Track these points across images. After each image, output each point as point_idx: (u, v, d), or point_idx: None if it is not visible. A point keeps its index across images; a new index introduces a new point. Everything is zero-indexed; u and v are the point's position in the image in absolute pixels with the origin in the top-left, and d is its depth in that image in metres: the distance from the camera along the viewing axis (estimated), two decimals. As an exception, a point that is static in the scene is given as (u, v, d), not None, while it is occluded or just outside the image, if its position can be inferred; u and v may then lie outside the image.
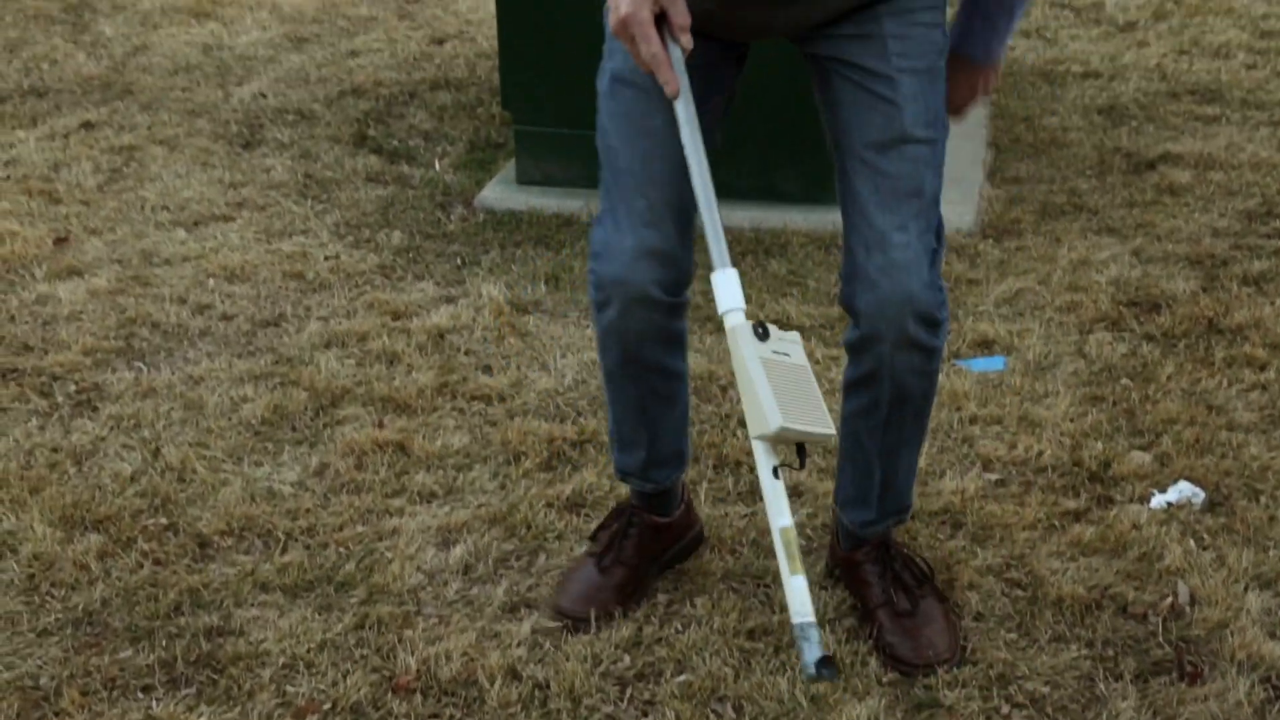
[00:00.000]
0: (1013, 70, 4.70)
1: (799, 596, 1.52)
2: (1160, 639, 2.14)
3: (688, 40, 1.77)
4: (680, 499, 2.35)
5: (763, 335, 1.66)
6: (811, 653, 1.50)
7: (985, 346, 3.07)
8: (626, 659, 2.17)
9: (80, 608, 2.29)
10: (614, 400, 2.20)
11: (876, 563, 2.19)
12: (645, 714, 2.06)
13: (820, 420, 1.64)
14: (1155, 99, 4.40)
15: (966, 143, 4.21)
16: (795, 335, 1.71)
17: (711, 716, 2.05)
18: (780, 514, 1.56)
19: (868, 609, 2.19)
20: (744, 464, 2.68)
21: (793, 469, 1.81)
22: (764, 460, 1.61)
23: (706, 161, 1.78)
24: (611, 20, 1.79)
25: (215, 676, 2.14)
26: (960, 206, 3.79)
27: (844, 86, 1.94)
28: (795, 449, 1.70)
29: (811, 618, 1.52)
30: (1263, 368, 2.91)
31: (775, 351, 1.65)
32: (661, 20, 1.76)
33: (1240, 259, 3.39)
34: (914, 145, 1.92)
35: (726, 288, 1.70)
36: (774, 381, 1.62)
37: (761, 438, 1.60)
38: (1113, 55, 4.76)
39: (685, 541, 2.38)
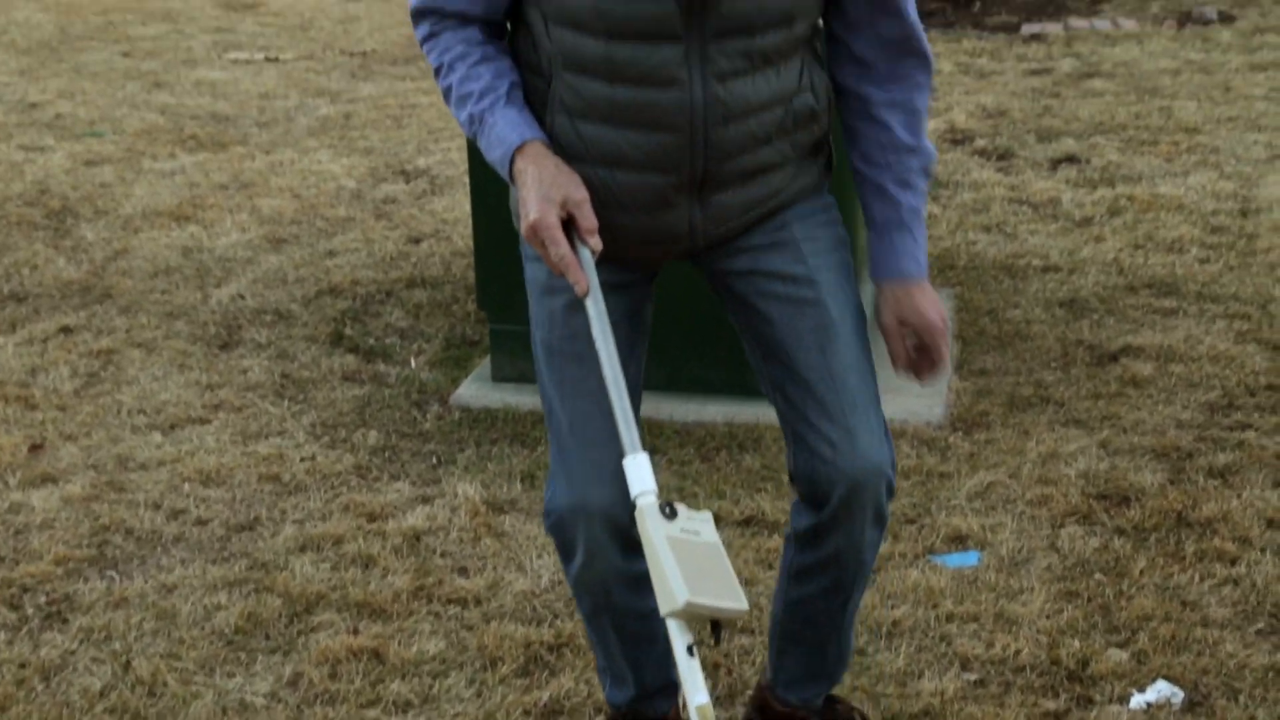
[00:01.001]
0: (976, 264, 4.82)
1: None
2: (1147, 846, 2.12)
3: (596, 242, 1.84)
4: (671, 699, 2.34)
5: (670, 515, 1.70)
6: None
7: (959, 541, 3.09)
8: None
9: (46, 831, 2.23)
10: (596, 641, 2.23)
11: None
12: None
13: (731, 595, 1.66)
14: (1114, 292, 4.52)
15: (933, 336, 4.30)
16: (707, 515, 1.76)
17: None
18: (696, 691, 1.59)
19: None
20: (721, 665, 2.66)
21: (709, 646, 1.84)
22: (679, 639, 1.64)
23: (616, 354, 1.83)
24: (522, 227, 1.87)
25: None
26: (929, 399, 3.85)
27: (767, 298, 2.04)
28: (710, 626, 1.72)
29: None
30: (1233, 562, 2.94)
31: (684, 530, 1.69)
32: (570, 224, 1.84)
33: (1205, 451, 3.44)
34: (847, 334, 2.03)
35: (637, 472, 1.74)
36: (681, 559, 1.65)
37: (671, 614, 1.63)
38: (1071, 250, 4.90)
39: None
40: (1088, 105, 6.79)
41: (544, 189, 1.82)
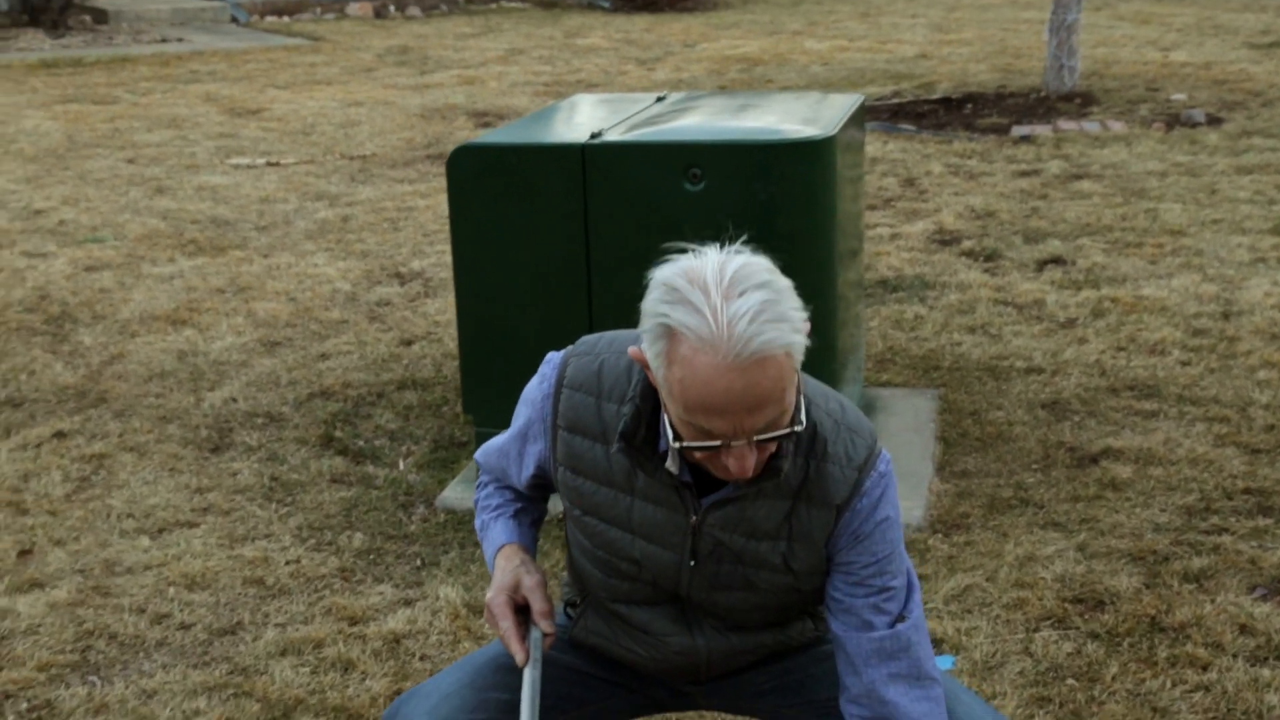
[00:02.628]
0: (960, 365, 4.88)
1: None
2: None
3: (547, 625, 2.04)
4: None
5: None
6: None
7: (934, 645, 3.11)
8: None
9: None
10: None
11: None
12: None
13: None
14: (1096, 394, 4.57)
15: (916, 436, 4.35)
16: None
17: None
18: None
19: None
20: (694, 774, 2.68)
21: None
22: None
23: (537, 716, 1.99)
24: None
25: None
26: (909, 501, 3.88)
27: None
28: None
29: None
30: (1205, 668, 2.95)
31: None
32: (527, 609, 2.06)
33: (1181, 555, 3.47)
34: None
35: None
36: None
37: None
38: (1054, 351, 4.96)
39: None
40: (1075, 207, 6.90)
41: (501, 577, 2.07)
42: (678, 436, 1.82)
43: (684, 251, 1.81)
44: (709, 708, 2.29)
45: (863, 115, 4.50)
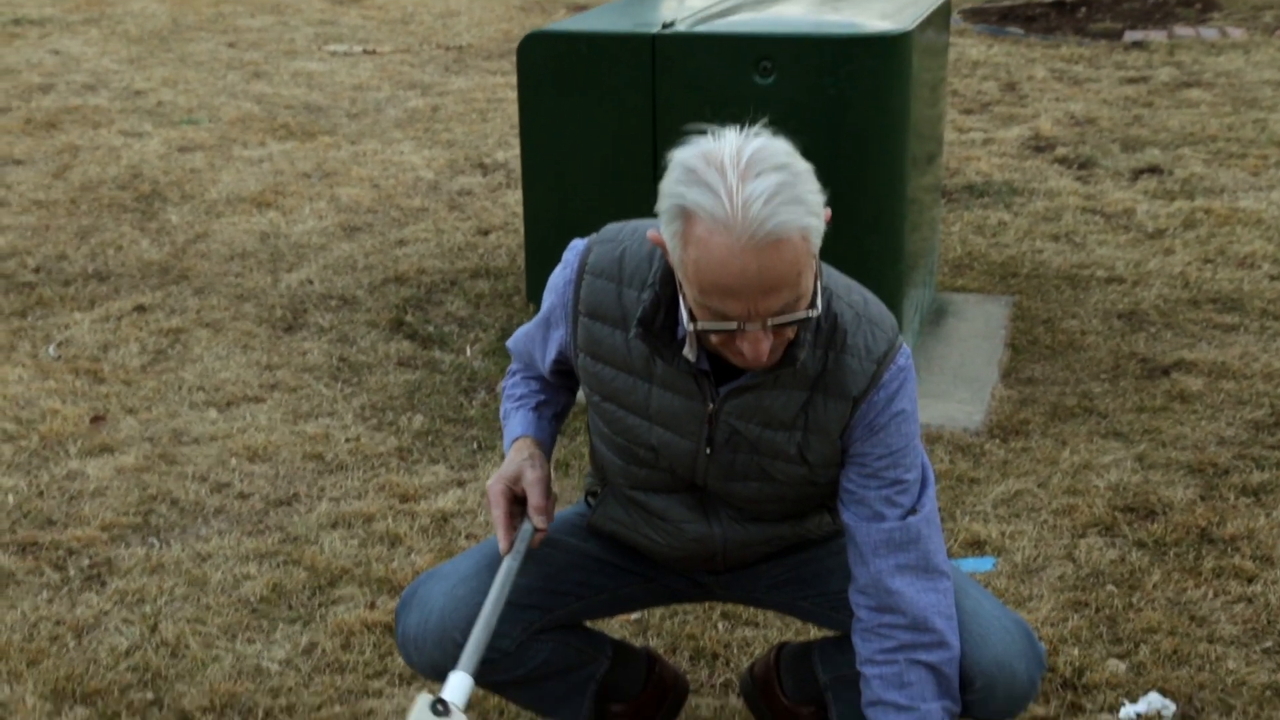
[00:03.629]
0: (1038, 273, 4.78)
1: None
2: None
3: (540, 521, 2.07)
4: (642, 678, 2.39)
5: (440, 713, 1.81)
6: None
7: (976, 547, 3.10)
8: None
9: (57, 780, 2.36)
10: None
11: (818, 719, 2.26)
12: None
13: None
14: (1176, 306, 4.45)
15: (984, 342, 4.28)
16: None
17: None
18: None
19: None
20: (720, 655, 2.71)
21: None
22: None
23: (505, 595, 2.00)
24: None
25: None
26: (970, 406, 3.84)
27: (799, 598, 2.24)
28: None
29: None
30: (1250, 580, 2.90)
31: None
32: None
33: (1242, 469, 3.39)
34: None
35: (456, 686, 1.87)
36: None
37: None
38: (1138, 262, 4.84)
39: (665, 710, 2.42)
40: (1180, 115, 6.67)
41: (505, 467, 2.11)
42: (694, 319, 1.82)
43: (704, 134, 1.79)
44: (725, 599, 2.31)
45: (947, 15, 4.38)
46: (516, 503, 2.08)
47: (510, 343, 2.26)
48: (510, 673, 2.17)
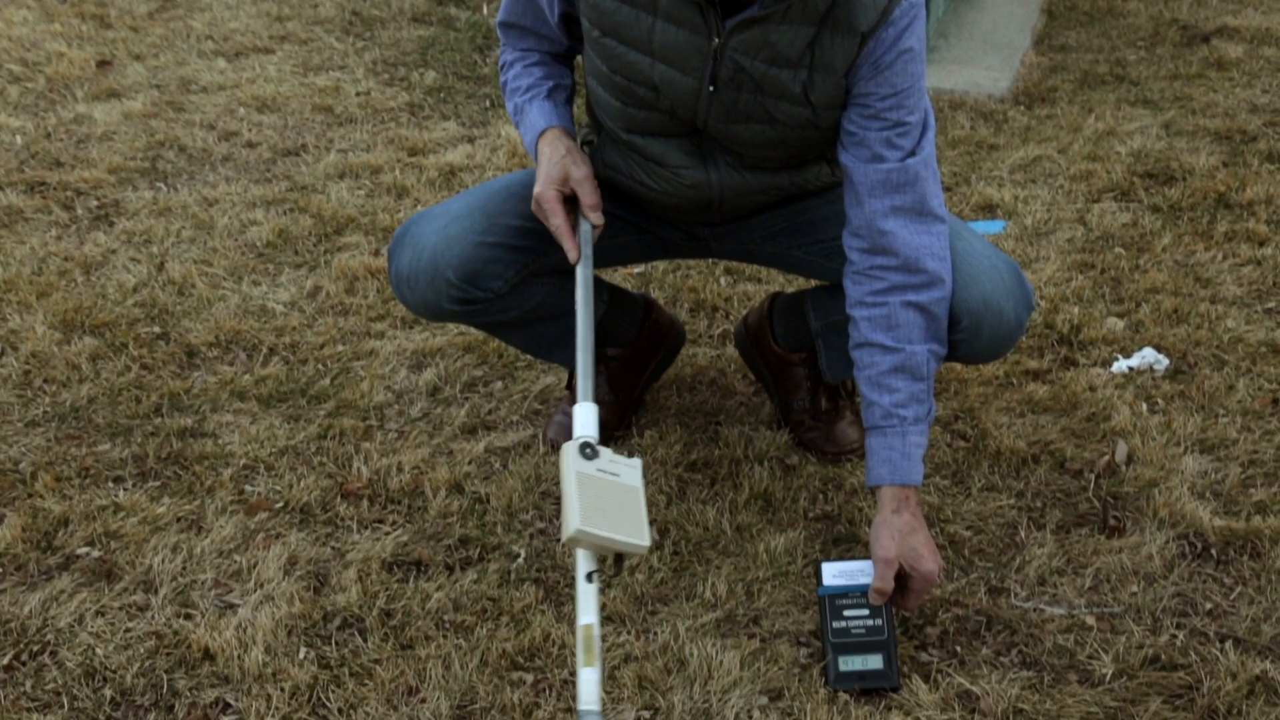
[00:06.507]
0: (1084, -63, 4.55)
1: (587, 688, 1.63)
2: (1090, 495, 2.16)
3: (597, 218, 1.99)
4: (638, 323, 2.40)
5: (590, 455, 1.77)
6: None
7: (988, 210, 3.05)
8: (569, 482, 2.25)
9: (68, 404, 2.43)
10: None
11: (808, 366, 2.28)
12: (575, 532, 2.15)
13: (633, 532, 1.72)
14: (1224, -29, 4.25)
15: (1019, 8, 4.12)
16: (636, 462, 1.82)
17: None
18: (586, 612, 1.67)
19: (788, 407, 2.32)
20: (720, 309, 2.72)
21: (608, 577, 1.93)
22: (581, 564, 1.72)
23: (593, 319, 1.94)
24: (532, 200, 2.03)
25: (181, 472, 2.26)
26: (997, 73, 3.73)
27: (795, 248, 2.19)
28: (614, 558, 1.79)
29: (596, 707, 1.62)
30: (1262, 243, 2.85)
31: (600, 470, 1.76)
32: (575, 200, 2.01)
33: (1271, 136, 3.30)
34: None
35: (582, 418, 1.83)
36: (584, 493, 1.72)
37: (568, 541, 1.71)
38: (1190, -75, 4.59)
39: (661, 356, 2.45)
40: None
41: (549, 168, 2.00)
42: None
43: None
44: (720, 255, 2.29)
45: None
46: (568, 202, 2.03)
47: (501, 17, 2.15)
48: (505, 314, 2.18)
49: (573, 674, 1.82)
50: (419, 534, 2.11)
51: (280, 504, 2.18)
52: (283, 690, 1.77)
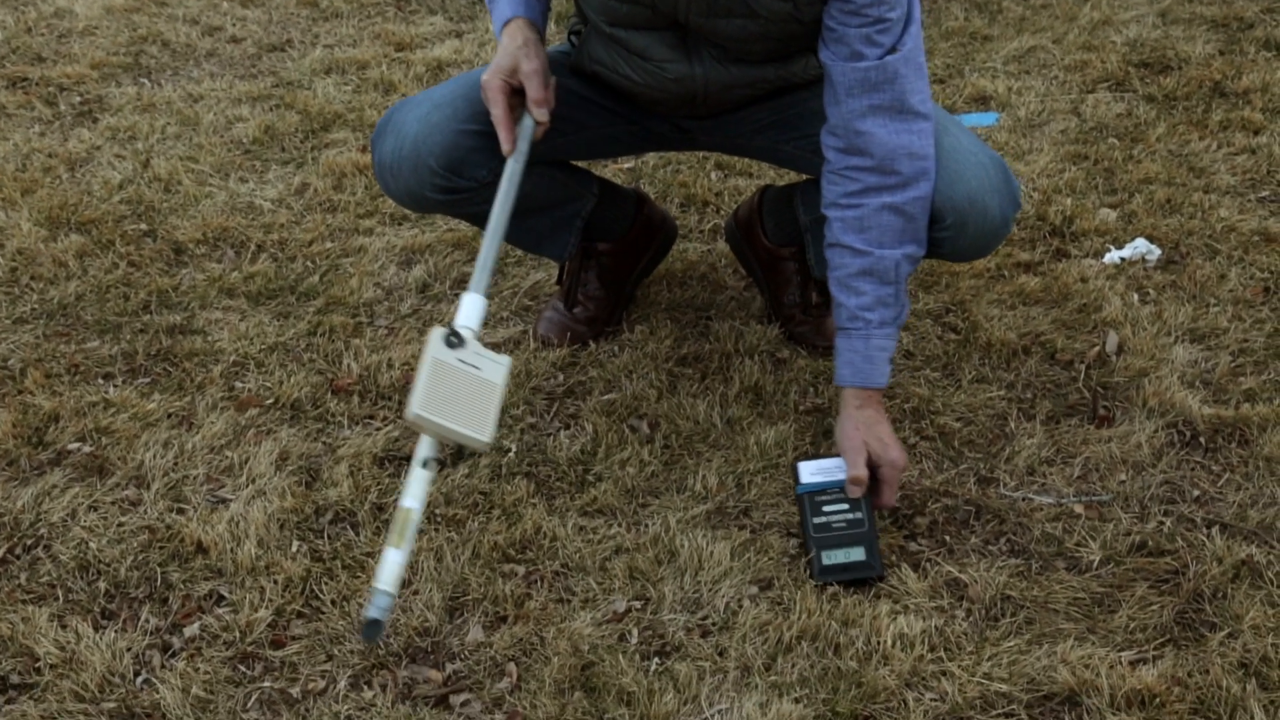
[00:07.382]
0: None
1: (389, 569, 1.60)
2: (1080, 385, 2.17)
3: (541, 114, 1.96)
4: (629, 218, 2.39)
5: (455, 344, 1.74)
6: (367, 611, 1.58)
7: (981, 102, 3.02)
8: (560, 376, 2.25)
9: (55, 301, 2.42)
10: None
11: (798, 260, 2.27)
12: (567, 426, 2.15)
13: (473, 426, 1.70)
14: None
15: (1016, -104, 4.04)
16: (505, 359, 1.79)
17: (627, 431, 2.13)
18: (411, 497, 1.65)
19: (779, 301, 2.32)
20: (711, 204, 2.70)
21: (444, 465, 1.91)
22: (420, 449, 1.70)
23: (510, 207, 1.91)
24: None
25: (170, 369, 2.26)
26: (993, -39, 3.66)
27: (780, 139, 2.16)
28: (455, 451, 1.78)
29: (392, 590, 1.59)
30: (1257, 132, 2.83)
31: (461, 360, 1.73)
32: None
33: (1267, 23, 3.26)
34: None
35: (468, 309, 1.80)
36: (435, 380, 1.70)
37: (408, 423, 1.70)
38: None
39: (652, 251, 2.44)
40: None
41: (501, 58, 1.96)
42: None
43: None
44: (709, 148, 2.26)
45: None
46: (515, 95, 1.99)
47: None
48: (490, 204, 2.16)
49: (564, 565, 1.83)
50: (410, 429, 2.11)
51: (271, 400, 2.18)
52: (275, 583, 1.79)
